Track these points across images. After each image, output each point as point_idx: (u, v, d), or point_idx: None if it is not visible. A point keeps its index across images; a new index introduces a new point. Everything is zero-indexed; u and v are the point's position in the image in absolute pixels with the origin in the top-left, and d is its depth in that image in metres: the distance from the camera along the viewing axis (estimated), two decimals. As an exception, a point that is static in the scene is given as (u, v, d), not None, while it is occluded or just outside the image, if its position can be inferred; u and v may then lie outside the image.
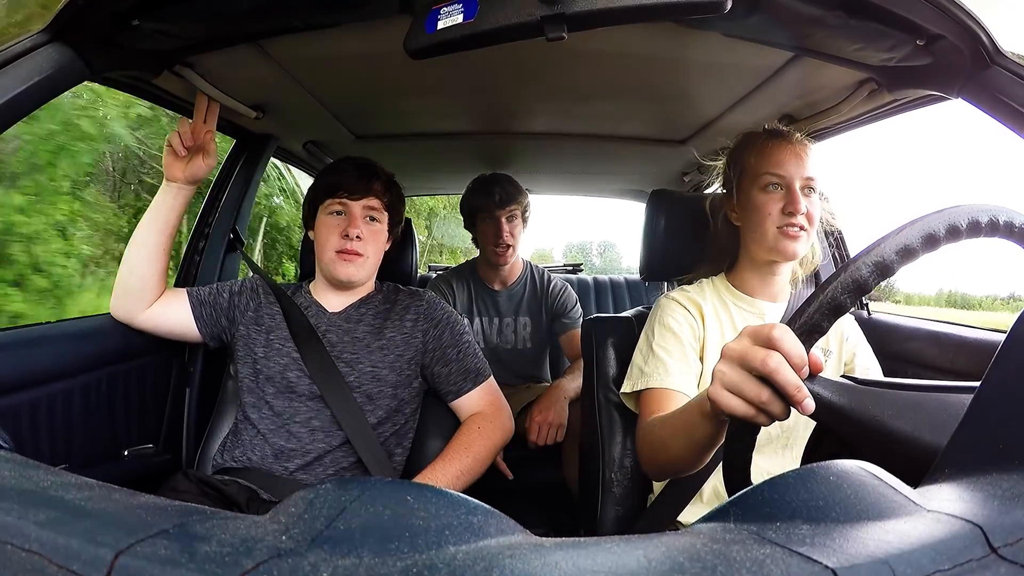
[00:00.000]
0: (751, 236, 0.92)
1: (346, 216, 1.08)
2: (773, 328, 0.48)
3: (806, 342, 0.48)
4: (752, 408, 0.49)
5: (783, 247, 0.88)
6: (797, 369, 0.47)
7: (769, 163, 0.89)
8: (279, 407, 1.03)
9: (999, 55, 0.72)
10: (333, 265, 1.07)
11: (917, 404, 0.47)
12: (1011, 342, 0.37)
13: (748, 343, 0.50)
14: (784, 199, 0.87)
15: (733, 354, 0.51)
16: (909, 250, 0.47)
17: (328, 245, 1.07)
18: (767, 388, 0.48)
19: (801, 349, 0.48)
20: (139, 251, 1.03)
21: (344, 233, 1.06)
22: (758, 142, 0.93)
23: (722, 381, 0.51)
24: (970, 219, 0.47)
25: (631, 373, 0.93)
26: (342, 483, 0.31)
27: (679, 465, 0.76)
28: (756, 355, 0.48)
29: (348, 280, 1.08)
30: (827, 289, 0.47)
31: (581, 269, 2.58)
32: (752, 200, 0.91)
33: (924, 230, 0.47)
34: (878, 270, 0.47)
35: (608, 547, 0.27)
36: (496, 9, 0.62)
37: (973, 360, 1.06)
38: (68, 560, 0.22)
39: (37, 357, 1.00)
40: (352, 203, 1.07)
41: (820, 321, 0.48)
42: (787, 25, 0.77)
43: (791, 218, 0.86)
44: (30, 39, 0.68)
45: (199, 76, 1.01)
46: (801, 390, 0.47)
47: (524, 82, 1.19)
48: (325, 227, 1.08)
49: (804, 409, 0.47)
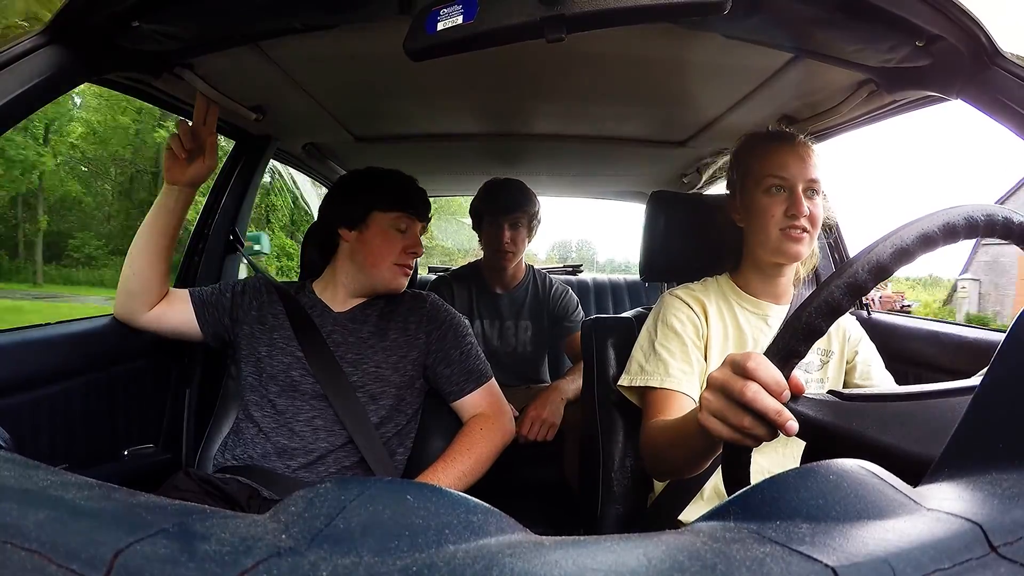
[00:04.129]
0: (755, 238, 0.92)
1: (411, 233, 1.12)
2: (749, 358, 0.49)
3: (784, 366, 0.49)
4: (738, 433, 0.51)
5: (786, 248, 0.88)
6: (776, 395, 0.48)
7: (772, 165, 0.89)
8: (282, 406, 1.03)
9: (998, 56, 0.72)
10: (392, 275, 1.10)
11: (903, 416, 0.47)
12: (1011, 342, 0.37)
13: (728, 372, 0.52)
14: (787, 201, 0.88)
15: (716, 383, 0.53)
16: (881, 267, 0.47)
17: (390, 256, 1.10)
18: (748, 415, 0.49)
19: (778, 376, 0.49)
20: (141, 253, 1.04)
21: (411, 251, 1.11)
22: (761, 144, 0.93)
23: (708, 408, 0.53)
24: (941, 225, 0.47)
25: (630, 367, 0.93)
26: (342, 482, 0.31)
27: (679, 470, 0.79)
28: (735, 385, 0.50)
29: (399, 291, 1.13)
30: (801, 315, 0.48)
31: (581, 270, 2.58)
32: (755, 202, 0.91)
33: (895, 245, 0.47)
34: (851, 291, 0.47)
35: (608, 546, 0.27)
36: (496, 10, 0.62)
37: (973, 360, 1.06)
38: (68, 559, 0.22)
39: (38, 358, 1.00)
40: (419, 224, 1.13)
41: (796, 346, 0.49)
42: (787, 26, 0.77)
43: (794, 220, 0.87)
44: (30, 40, 0.68)
45: (199, 78, 1.01)
46: (781, 414, 0.48)
47: (524, 84, 1.19)
48: (389, 239, 1.10)
49: (787, 431, 0.48)
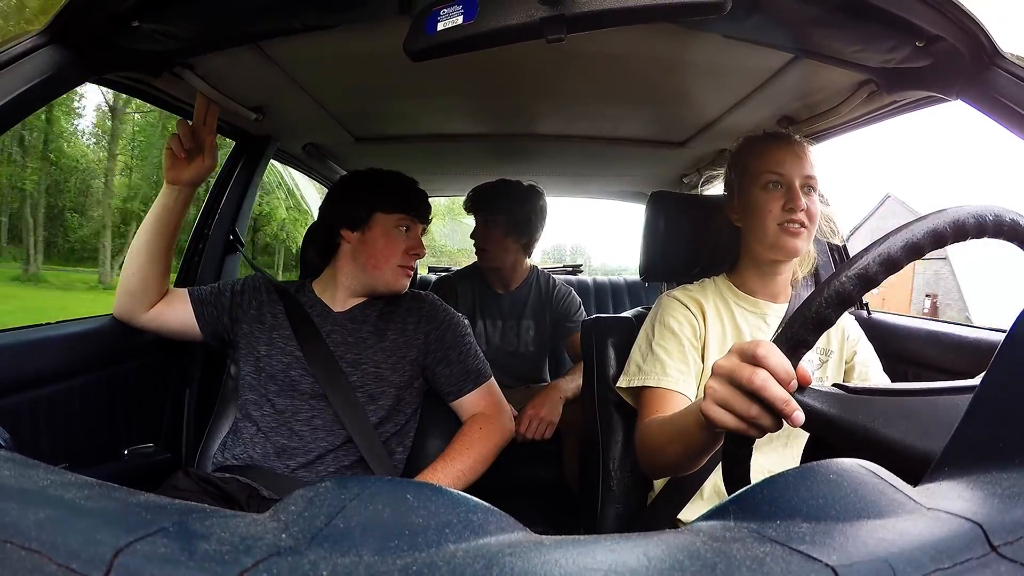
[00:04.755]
0: (752, 235, 0.93)
1: (413, 234, 1.12)
2: (759, 346, 0.49)
3: (793, 356, 0.49)
4: (743, 423, 0.51)
5: (784, 244, 0.89)
6: (784, 384, 0.48)
7: (769, 162, 0.90)
8: (281, 405, 1.03)
9: (998, 56, 0.72)
10: (395, 275, 1.11)
11: (908, 410, 0.47)
12: (1011, 341, 0.37)
13: (736, 360, 0.51)
14: (784, 196, 0.89)
15: (722, 371, 0.52)
16: (892, 260, 0.47)
17: (393, 257, 1.10)
18: (756, 403, 0.49)
19: (787, 364, 0.49)
20: (141, 253, 1.04)
21: (414, 252, 1.11)
22: (758, 144, 0.95)
23: (713, 397, 0.53)
24: (949, 223, 0.48)
25: (628, 368, 0.94)
26: (342, 481, 0.31)
27: (676, 468, 0.78)
28: (743, 372, 0.49)
29: (401, 291, 1.13)
30: (812, 304, 0.48)
31: (581, 270, 2.58)
32: (753, 199, 0.92)
33: (906, 239, 0.47)
34: (862, 282, 0.47)
35: (608, 545, 0.27)
36: (496, 10, 0.62)
37: (973, 360, 1.06)
38: (68, 558, 0.22)
39: (38, 358, 1.00)
40: (420, 225, 1.14)
41: (805, 336, 0.49)
42: (787, 26, 0.77)
43: (792, 214, 0.87)
44: (30, 40, 0.68)
45: (198, 77, 1.01)
46: (788, 404, 0.48)
47: (524, 84, 1.19)
48: (391, 240, 1.10)
49: (793, 422, 0.48)
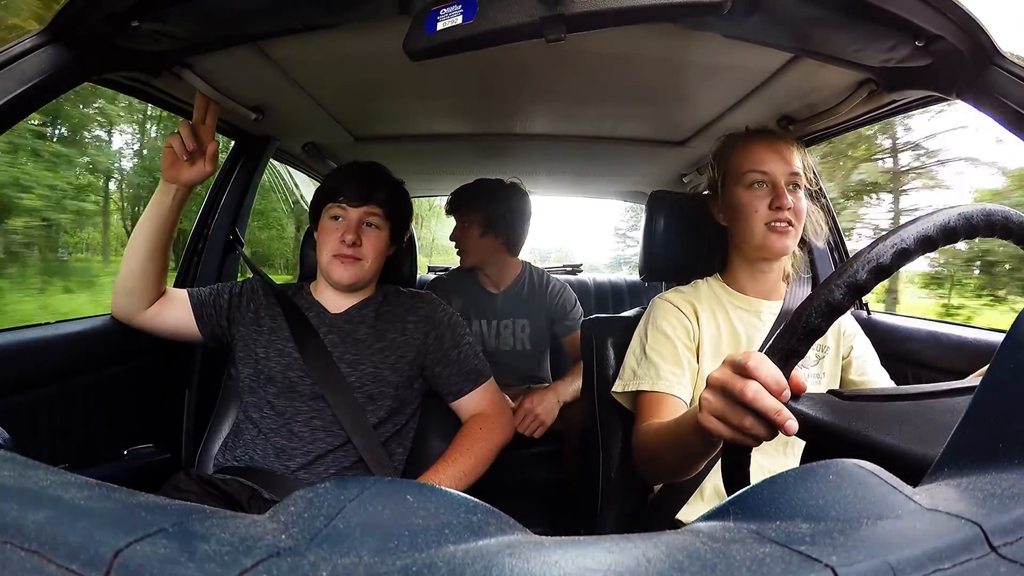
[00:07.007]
0: (739, 235, 0.93)
1: (345, 221, 1.09)
2: (750, 357, 0.49)
3: (785, 366, 0.49)
4: (738, 433, 0.51)
5: (771, 243, 0.88)
6: (776, 394, 0.48)
7: (752, 161, 0.90)
8: (280, 407, 1.03)
9: (998, 56, 0.72)
10: (330, 267, 1.09)
11: (903, 415, 0.47)
12: (1011, 342, 0.37)
13: (729, 372, 0.51)
14: (770, 195, 0.88)
15: (716, 383, 0.53)
16: (881, 267, 0.47)
17: (326, 248, 1.09)
18: (749, 414, 0.49)
19: (779, 375, 0.49)
20: (138, 251, 1.03)
21: (341, 238, 1.07)
22: (740, 142, 0.94)
23: (708, 409, 0.53)
24: (938, 226, 0.48)
25: (623, 373, 0.94)
26: (342, 482, 0.31)
27: (674, 473, 0.78)
28: (735, 385, 0.50)
29: (343, 283, 1.09)
30: (802, 315, 0.48)
31: (581, 270, 2.57)
32: (737, 199, 0.91)
33: (895, 245, 0.47)
34: (851, 291, 0.47)
35: (607, 546, 0.27)
36: (495, 10, 0.62)
37: (973, 360, 1.05)
38: (68, 559, 0.22)
39: (37, 358, 1.00)
40: (351, 210, 1.08)
41: (797, 346, 0.49)
42: (786, 26, 0.77)
43: (779, 213, 0.87)
44: (30, 40, 0.68)
45: (198, 77, 1.01)
46: (781, 413, 0.48)
47: (524, 83, 1.19)
48: (324, 231, 1.10)
49: (787, 431, 0.48)
